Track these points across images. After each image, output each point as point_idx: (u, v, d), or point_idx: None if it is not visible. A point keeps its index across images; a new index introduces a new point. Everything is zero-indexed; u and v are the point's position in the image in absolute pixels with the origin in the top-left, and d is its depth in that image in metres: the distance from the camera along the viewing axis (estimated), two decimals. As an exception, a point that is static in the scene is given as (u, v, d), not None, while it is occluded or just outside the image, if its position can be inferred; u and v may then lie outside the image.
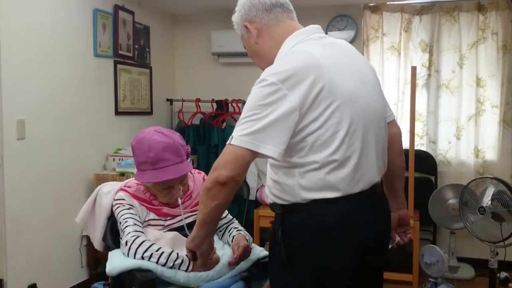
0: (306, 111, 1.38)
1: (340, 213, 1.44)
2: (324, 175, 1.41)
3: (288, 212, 1.49)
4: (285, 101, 1.36)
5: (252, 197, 4.01)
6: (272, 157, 1.37)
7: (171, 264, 1.78)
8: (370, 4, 4.04)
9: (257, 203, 4.06)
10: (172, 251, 1.82)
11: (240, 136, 1.36)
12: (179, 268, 1.79)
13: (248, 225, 3.70)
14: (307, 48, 1.47)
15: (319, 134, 1.40)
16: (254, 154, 1.36)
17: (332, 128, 1.40)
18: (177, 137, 1.95)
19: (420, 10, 3.98)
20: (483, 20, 3.87)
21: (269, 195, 1.56)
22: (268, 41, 1.57)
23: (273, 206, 1.56)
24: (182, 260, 1.79)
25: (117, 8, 3.69)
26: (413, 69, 3.51)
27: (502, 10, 3.81)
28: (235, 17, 1.63)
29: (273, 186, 1.52)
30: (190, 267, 1.80)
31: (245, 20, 1.58)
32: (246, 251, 1.91)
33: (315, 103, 1.38)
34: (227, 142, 1.38)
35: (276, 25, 1.57)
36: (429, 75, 4.00)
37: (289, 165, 1.45)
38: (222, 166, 1.36)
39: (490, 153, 3.93)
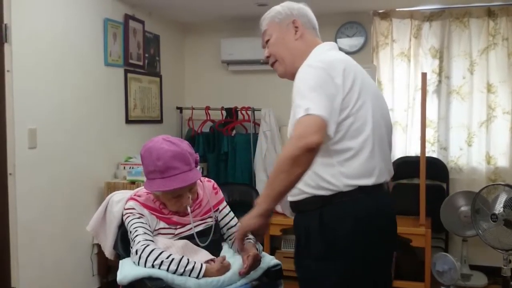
0: (344, 97, 1.54)
1: (378, 202, 1.60)
2: (360, 161, 1.55)
3: (329, 205, 1.56)
4: (332, 84, 1.53)
5: (262, 204, 3.99)
6: (331, 134, 1.50)
7: (182, 270, 1.78)
8: (380, 11, 4.03)
9: (267, 211, 4.04)
10: (183, 256, 1.82)
11: (317, 107, 1.47)
12: (189, 275, 1.79)
13: (258, 233, 3.71)
14: (336, 53, 1.72)
15: (353, 121, 1.55)
16: (326, 127, 1.48)
17: (362, 118, 1.57)
18: (185, 145, 1.95)
19: (430, 17, 3.97)
20: (494, 26, 3.85)
21: (305, 189, 1.60)
22: (303, 45, 1.76)
23: (306, 202, 1.61)
24: (193, 266, 1.80)
25: (127, 17, 3.73)
26: (423, 75, 3.50)
27: (512, 15, 3.79)
28: (284, 8, 1.80)
29: (312, 179, 1.57)
30: (201, 274, 1.80)
31: (297, 18, 1.77)
32: (256, 261, 1.92)
33: (350, 92, 1.55)
34: (300, 115, 1.47)
35: (312, 38, 1.80)
36: (440, 81, 3.98)
37: (326, 154, 1.55)
38: (309, 133, 1.44)
39: (502, 160, 3.88)
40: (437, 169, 3.91)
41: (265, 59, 1.86)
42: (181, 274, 1.79)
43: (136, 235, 1.86)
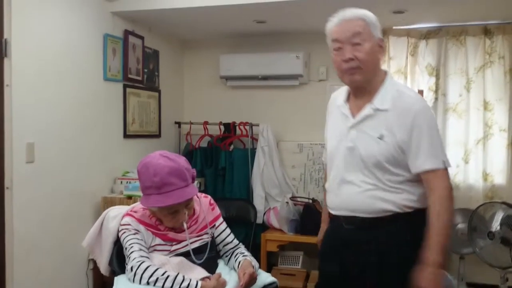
0: None
1: None
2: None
3: (417, 219, 1.82)
4: None
5: (259, 220, 3.99)
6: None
7: (178, 287, 1.78)
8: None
9: (265, 227, 4.05)
10: (178, 273, 1.82)
11: (447, 160, 1.84)
12: (185, 292, 1.78)
13: (255, 249, 3.70)
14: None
15: None
16: None
17: None
18: (182, 161, 1.95)
19: (427, 35, 4.01)
20: (490, 44, 3.88)
21: (401, 203, 1.84)
22: (379, 64, 1.93)
23: (397, 216, 1.84)
24: (189, 284, 1.79)
25: (127, 33, 3.76)
26: (420, 92, 3.53)
27: (508, 34, 3.82)
28: (378, 23, 1.88)
29: (406, 198, 1.84)
30: (196, 291, 1.80)
31: (381, 38, 1.90)
32: (252, 278, 1.91)
33: None
34: (441, 167, 1.80)
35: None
36: (436, 98, 4.00)
37: (415, 177, 1.84)
38: (451, 186, 1.83)
39: (499, 177, 3.89)
40: (434, 186, 3.91)
41: (346, 60, 1.84)
42: (176, 291, 1.78)
43: (132, 252, 1.86)
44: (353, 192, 1.87)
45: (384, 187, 1.84)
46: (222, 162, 4.21)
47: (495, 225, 3.16)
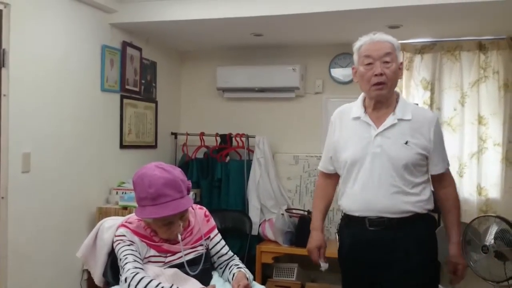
0: None
1: None
2: None
3: (430, 218, 2.23)
4: None
5: (254, 232, 4.00)
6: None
7: (171, 300, 1.78)
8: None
9: (260, 238, 4.05)
10: (172, 285, 1.82)
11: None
12: (178, 304, 1.78)
13: (250, 261, 3.70)
14: None
15: None
16: None
17: None
18: (178, 172, 1.96)
19: (422, 49, 4.05)
20: (484, 59, 3.92)
21: (419, 204, 2.12)
22: (397, 82, 2.22)
23: (417, 216, 2.12)
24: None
25: (125, 44, 3.79)
26: (415, 106, 3.55)
27: (503, 49, 3.87)
28: (399, 46, 2.17)
29: (422, 199, 2.13)
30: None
31: (402, 62, 2.21)
32: (246, 290, 1.91)
33: None
34: (449, 167, 2.27)
35: None
36: (431, 112, 4.03)
37: (426, 181, 2.18)
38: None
39: (493, 191, 3.91)
40: (429, 199, 3.93)
41: (377, 75, 2.09)
42: (170, 303, 1.78)
43: (126, 263, 1.86)
44: (381, 194, 2.09)
45: (407, 190, 2.09)
46: (218, 173, 4.22)
47: (489, 239, 3.16)
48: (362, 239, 2.15)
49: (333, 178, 2.38)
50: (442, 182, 2.24)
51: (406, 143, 2.08)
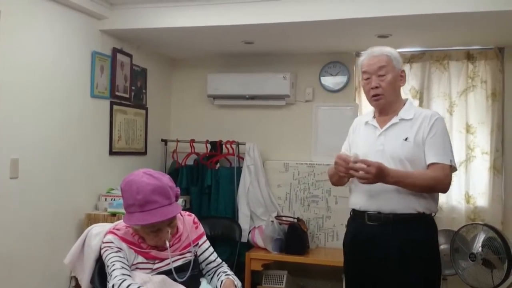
0: None
1: None
2: None
3: (431, 220, 2.27)
4: None
5: (244, 239, 3.99)
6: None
7: (158, 307, 1.77)
8: (362, 52, 4.11)
9: (249, 245, 4.04)
10: (160, 293, 1.82)
11: (454, 162, 2.24)
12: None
13: (239, 268, 3.69)
14: None
15: None
16: None
17: None
18: (166, 179, 1.96)
19: (411, 59, 4.09)
20: (472, 69, 3.97)
21: (421, 203, 2.18)
22: (400, 92, 2.36)
23: (422, 216, 2.20)
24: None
25: (115, 51, 3.79)
26: (404, 115, 3.58)
27: (490, 59, 3.92)
28: (399, 56, 2.32)
29: (423, 199, 2.17)
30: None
31: (403, 69, 2.34)
32: (234, 297, 1.91)
33: None
34: (448, 163, 2.17)
35: None
36: (420, 121, 4.06)
37: None
38: (450, 182, 2.22)
39: (481, 199, 3.94)
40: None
41: (373, 88, 2.26)
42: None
43: (113, 270, 1.85)
44: (381, 190, 2.16)
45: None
46: (208, 180, 4.21)
47: (477, 247, 3.19)
48: (362, 233, 2.27)
49: None
50: (433, 170, 2.17)
51: (406, 139, 2.21)
